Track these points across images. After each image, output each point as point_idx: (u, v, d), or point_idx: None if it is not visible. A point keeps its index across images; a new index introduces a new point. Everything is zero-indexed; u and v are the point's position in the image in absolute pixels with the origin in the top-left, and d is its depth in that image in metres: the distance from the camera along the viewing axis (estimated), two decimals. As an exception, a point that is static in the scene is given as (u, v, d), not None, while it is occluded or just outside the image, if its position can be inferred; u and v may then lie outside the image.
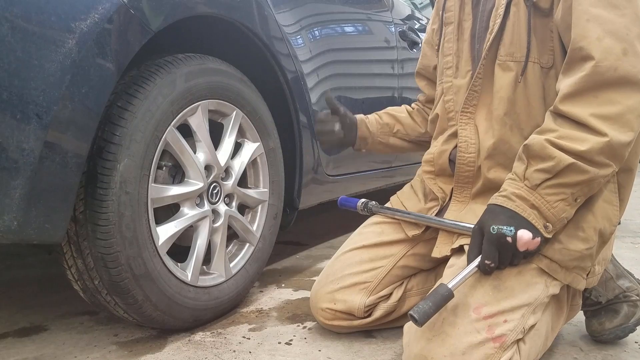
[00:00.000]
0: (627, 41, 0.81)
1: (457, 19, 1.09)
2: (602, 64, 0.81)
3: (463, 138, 1.03)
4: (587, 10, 0.84)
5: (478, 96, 1.01)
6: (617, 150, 0.81)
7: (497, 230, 0.82)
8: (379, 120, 1.32)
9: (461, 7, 1.08)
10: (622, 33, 0.82)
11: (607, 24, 0.82)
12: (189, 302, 1.14)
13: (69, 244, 1.00)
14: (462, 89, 1.05)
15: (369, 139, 1.31)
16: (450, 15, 1.10)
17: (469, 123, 1.03)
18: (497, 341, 0.82)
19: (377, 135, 1.31)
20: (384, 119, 1.33)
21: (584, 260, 0.90)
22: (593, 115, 0.81)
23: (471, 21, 1.06)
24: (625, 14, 0.83)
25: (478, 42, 1.03)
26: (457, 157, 1.03)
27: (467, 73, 1.05)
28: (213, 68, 1.19)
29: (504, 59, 0.97)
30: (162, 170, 1.13)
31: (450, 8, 1.10)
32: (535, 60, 0.95)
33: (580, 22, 0.84)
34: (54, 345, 1.13)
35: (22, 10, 0.78)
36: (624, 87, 0.81)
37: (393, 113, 1.34)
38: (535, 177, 0.84)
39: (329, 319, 1.13)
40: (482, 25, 1.02)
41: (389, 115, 1.34)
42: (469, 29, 1.06)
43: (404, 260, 1.13)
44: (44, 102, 0.80)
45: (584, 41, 0.83)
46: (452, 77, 1.08)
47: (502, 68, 0.97)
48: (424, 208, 1.13)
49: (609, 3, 0.83)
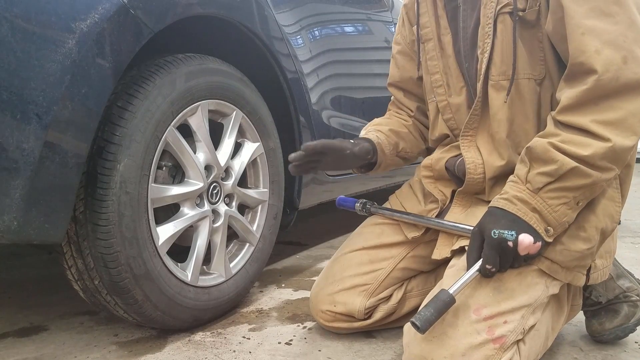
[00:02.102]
0: (625, 48, 0.80)
1: (435, 35, 1.07)
2: (605, 76, 0.80)
3: (470, 159, 1.01)
4: (581, 23, 0.83)
5: (478, 119, 1.01)
6: (620, 154, 0.81)
7: (499, 235, 0.82)
8: (389, 142, 1.18)
9: (436, 21, 1.07)
10: (619, 41, 0.81)
11: (603, 34, 0.81)
12: (189, 302, 1.14)
13: (69, 244, 1.00)
14: (462, 106, 1.05)
15: (383, 164, 1.18)
16: (428, 31, 1.08)
17: (471, 146, 1.02)
18: (497, 342, 0.82)
19: (388, 159, 1.18)
20: (392, 139, 1.19)
21: (585, 259, 0.90)
22: (594, 121, 0.81)
23: (450, 35, 1.05)
24: (619, 20, 0.81)
25: (466, 60, 1.02)
26: (466, 177, 1.02)
27: (462, 89, 1.04)
28: (213, 68, 1.19)
29: (496, 79, 0.96)
30: (162, 170, 1.13)
31: (426, 24, 1.08)
32: (528, 76, 0.94)
33: (576, 36, 0.83)
34: (54, 345, 1.13)
35: (22, 10, 0.78)
36: (627, 93, 0.80)
37: (396, 129, 1.21)
38: (537, 181, 0.83)
39: (329, 321, 1.13)
40: (467, 42, 1.01)
41: (395, 134, 1.20)
42: (449, 43, 1.05)
43: (404, 262, 1.13)
44: (44, 102, 0.80)
45: (582, 56, 0.82)
46: (446, 96, 1.07)
47: (496, 88, 0.96)
48: (424, 210, 1.12)
49: (602, 12, 0.82)
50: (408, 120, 1.26)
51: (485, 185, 1.01)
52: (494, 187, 1.01)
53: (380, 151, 1.15)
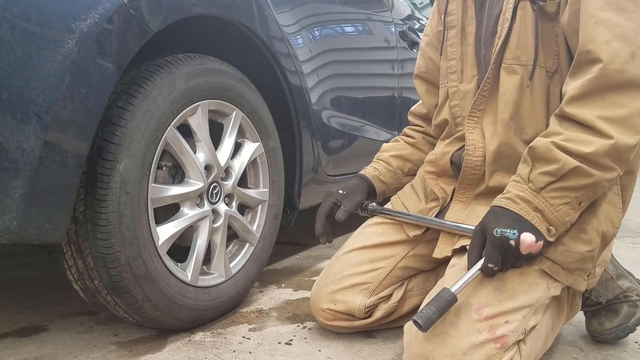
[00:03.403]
0: (635, 45, 0.81)
1: (460, 23, 1.08)
2: (610, 66, 0.80)
3: (470, 141, 1.02)
4: (595, 13, 0.84)
5: (486, 101, 1.01)
6: (622, 153, 0.81)
7: (501, 234, 0.82)
8: (389, 169, 1.26)
9: (464, 10, 1.08)
10: (630, 36, 0.81)
11: (615, 27, 0.82)
12: (189, 302, 1.14)
13: (69, 244, 1.00)
14: (469, 94, 1.05)
15: (387, 190, 1.27)
16: (453, 18, 1.09)
17: (476, 127, 1.02)
18: (498, 342, 0.82)
19: (392, 183, 1.26)
20: (393, 164, 1.26)
21: (586, 262, 0.90)
22: (600, 117, 0.81)
23: (475, 25, 1.05)
24: (633, 17, 0.82)
25: (485, 47, 1.03)
26: (464, 160, 1.03)
27: (473, 78, 1.05)
28: (213, 68, 1.19)
29: (510, 62, 0.96)
30: (162, 170, 1.13)
31: (453, 11, 1.09)
32: (541, 65, 0.94)
33: (588, 25, 0.84)
34: (54, 345, 1.13)
35: (22, 10, 0.78)
36: (632, 90, 0.80)
37: (399, 154, 1.27)
38: (539, 180, 0.83)
39: (329, 320, 1.13)
40: (489, 30, 1.02)
41: (396, 158, 1.27)
42: (472, 33, 1.06)
43: (405, 261, 1.13)
44: (44, 102, 0.80)
45: (591, 44, 0.83)
46: (458, 82, 1.07)
47: (508, 72, 0.97)
48: (425, 208, 1.12)
49: (617, 7, 0.83)
50: (416, 137, 1.29)
51: (485, 169, 1.01)
52: (494, 174, 1.00)
53: (379, 182, 1.25)
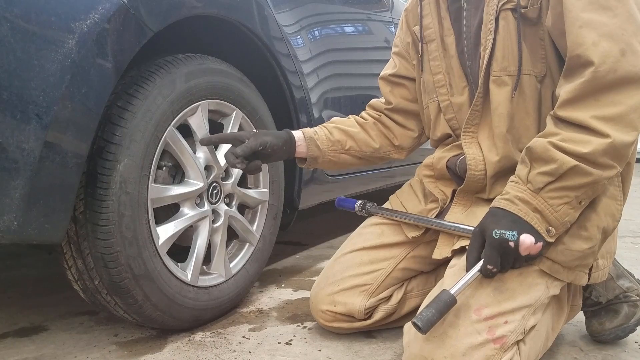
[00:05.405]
0: (623, 41, 0.80)
1: (438, 36, 1.07)
2: (602, 68, 0.80)
3: (471, 155, 1.01)
4: (579, 16, 0.83)
5: (480, 115, 1.00)
6: (620, 150, 0.81)
7: (500, 235, 0.81)
8: (329, 137, 1.18)
9: (440, 22, 1.07)
10: (617, 34, 0.80)
11: (600, 27, 0.81)
12: (189, 302, 1.14)
13: (69, 244, 1.00)
14: (464, 106, 1.04)
15: (320, 158, 1.17)
16: (431, 32, 1.08)
17: (473, 142, 1.02)
18: (498, 342, 0.82)
19: (328, 153, 1.17)
20: (335, 135, 1.19)
21: (587, 258, 0.89)
22: (594, 117, 0.80)
23: (453, 36, 1.05)
24: (618, 13, 0.81)
25: (470, 59, 1.02)
26: (467, 174, 1.02)
27: (464, 89, 1.04)
28: (213, 68, 1.19)
29: (498, 75, 0.96)
30: (162, 170, 1.13)
31: (429, 25, 1.08)
32: (529, 72, 0.94)
33: (574, 29, 0.83)
34: (54, 345, 1.13)
35: (22, 10, 0.78)
36: (626, 87, 0.80)
37: (345, 128, 1.20)
38: (538, 180, 0.83)
39: (329, 321, 1.13)
40: (471, 41, 1.01)
41: (340, 131, 1.20)
42: (453, 44, 1.05)
43: (405, 262, 1.13)
44: (44, 102, 0.80)
45: (580, 49, 0.82)
46: (449, 95, 1.07)
47: (497, 84, 0.96)
48: (424, 209, 1.12)
49: (600, 5, 0.82)
50: (368, 119, 1.25)
51: (487, 182, 1.01)
52: (495, 185, 1.01)
53: (314, 145, 1.15)
